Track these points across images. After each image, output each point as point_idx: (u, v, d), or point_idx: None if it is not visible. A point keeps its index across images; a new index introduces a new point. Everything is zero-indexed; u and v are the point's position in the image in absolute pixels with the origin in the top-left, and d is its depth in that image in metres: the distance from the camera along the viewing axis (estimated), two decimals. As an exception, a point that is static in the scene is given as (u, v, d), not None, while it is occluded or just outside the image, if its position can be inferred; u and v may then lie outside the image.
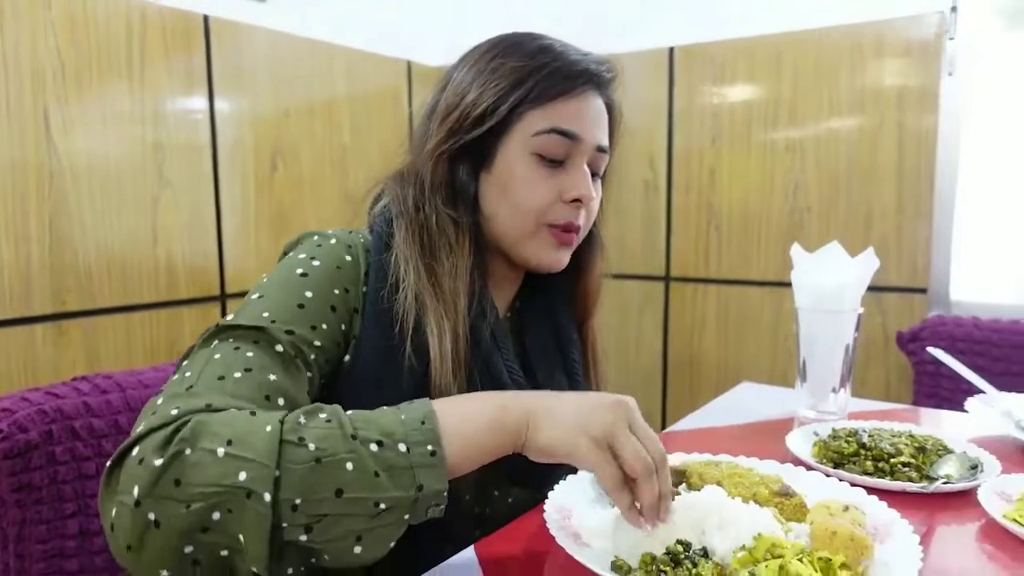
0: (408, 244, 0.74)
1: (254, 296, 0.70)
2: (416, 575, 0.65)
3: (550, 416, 0.60)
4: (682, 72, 2.16)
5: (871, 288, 1.88)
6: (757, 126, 2.06)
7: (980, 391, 1.07)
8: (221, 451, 0.53)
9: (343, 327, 0.71)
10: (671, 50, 2.16)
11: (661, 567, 0.57)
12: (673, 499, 0.69)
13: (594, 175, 0.80)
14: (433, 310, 0.72)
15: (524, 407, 0.61)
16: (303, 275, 0.71)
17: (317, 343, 0.68)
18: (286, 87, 1.84)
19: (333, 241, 0.76)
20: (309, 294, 0.70)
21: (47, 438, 0.95)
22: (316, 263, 0.72)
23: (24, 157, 1.38)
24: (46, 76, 1.40)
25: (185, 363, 0.65)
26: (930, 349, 1.12)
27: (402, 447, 0.56)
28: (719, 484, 0.71)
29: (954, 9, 1.80)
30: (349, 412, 0.59)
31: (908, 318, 1.88)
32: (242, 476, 0.52)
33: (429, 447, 0.56)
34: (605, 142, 0.80)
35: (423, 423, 0.57)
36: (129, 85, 1.53)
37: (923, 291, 1.88)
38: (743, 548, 0.58)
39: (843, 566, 0.58)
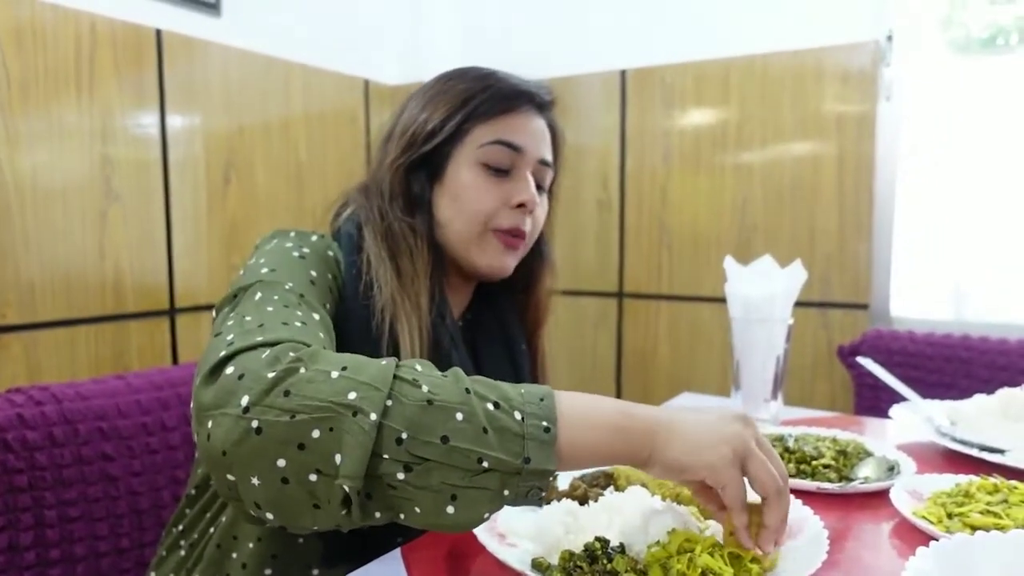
0: (377, 246, 0.80)
1: (264, 270, 0.71)
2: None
3: (680, 431, 0.57)
4: (634, 94, 2.21)
5: (816, 304, 1.96)
6: (706, 147, 2.12)
7: (906, 400, 1.11)
8: (335, 373, 0.53)
9: (333, 312, 0.75)
10: (623, 72, 2.22)
11: (578, 563, 0.59)
12: (597, 500, 0.71)
13: (540, 188, 0.87)
14: (403, 308, 0.76)
15: (649, 417, 0.58)
16: (301, 257, 0.75)
17: (327, 321, 0.71)
18: (241, 103, 1.84)
19: (314, 238, 0.80)
20: (314, 273, 0.74)
21: (-25, 450, 0.94)
22: (306, 250, 0.77)
23: (-35, 168, 1.36)
24: (-10, 87, 1.39)
25: (232, 314, 0.64)
26: (860, 359, 1.16)
27: (517, 415, 0.54)
28: (644, 485, 0.73)
29: (889, 38, 1.89)
30: (471, 377, 0.58)
31: (851, 333, 1.94)
32: (352, 395, 0.51)
33: (544, 423, 0.54)
34: (548, 156, 0.88)
35: (542, 400, 0.56)
36: (77, 98, 1.52)
37: (865, 307, 1.95)
38: (657, 543, 0.60)
39: (754, 560, 0.60)
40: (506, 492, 0.53)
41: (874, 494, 0.81)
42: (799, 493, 0.75)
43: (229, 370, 0.54)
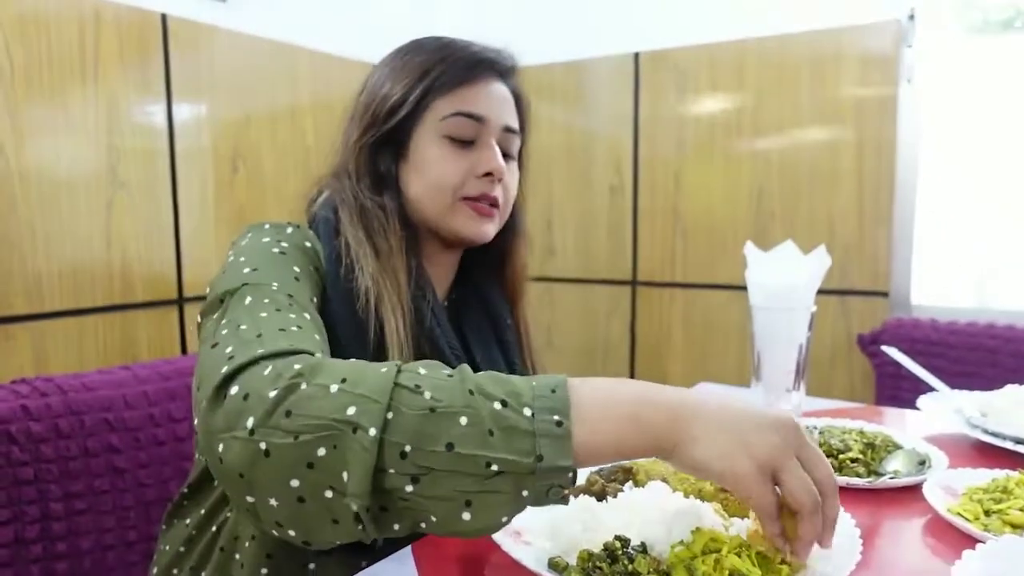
0: (354, 227, 0.78)
1: (246, 269, 0.69)
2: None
3: (704, 424, 0.53)
4: (648, 77, 2.17)
5: (835, 292, 1.92)
6: (721, 132, 2.08)
7: (934, 390, 1.07)
8: (335, 387, 0.52)
9: (320, 302, 0.74)
10: (636, 55, 2.17)
11: (597, 563, 0.56)
12: (616, 496, 0.68)
13: (508, 156, 0.85)
14: (384, 287, 0.75)
15: (673, 406, 0.54)
16: (282, 253, 0.73)
17: (318, 319, 0.70)
18: (248, 89, 1.81)
19: (290, 230, 0.78)
20: (297, 268, 0.72)
21: (-22, 442, 0.92)
22: (284, 244, 0.75)
23: (-30, 157, 1.34)
24: (-7, 74, 1.37)
25: (223, 321, 0.63)
26: (885, 348, 1.12)
27: (527, 411, 0.51)
28: (664, 480, 0.70)
29: (911, 17, 1.83)
30: (479, 373, 0.55)
31: (871, 321, 1.90)
32: (351, 411, 0.50)
33: (556, 417, 0.51)
34: (513, 123, 0.85)
35: (554, 391, 0.52)
36: (82, 86, 1.49)
37: (885, 295, 1.90)
38: (681, 543, 0.57)
39: (783, 561, 0.57)
40: (524, 493, 0.50)
41: (904, 489, 0.78)
42: (827, 488, 0.72)
43: (234, 390, 0.54)
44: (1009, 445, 0.88)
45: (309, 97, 1.97)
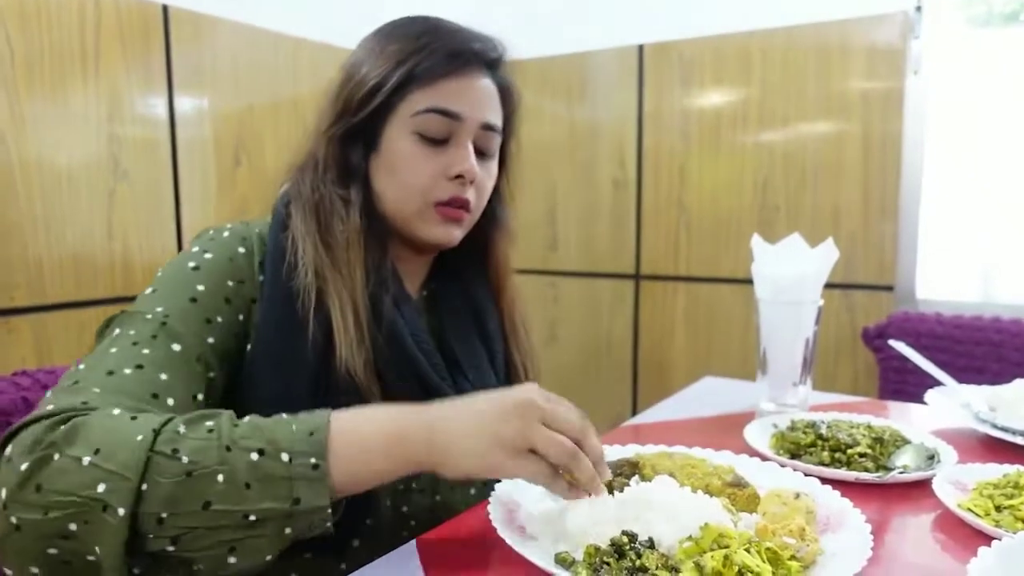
0: (304, 222, 0.74)
1: (148, 291, 0.70)
2: (348, 573, 0.62)
3: (456, 438, 0.58)
4: (651, 70, 2.15)
5: (840, 285, 1.91)
6: (726, 125, 2.06)
7: (941, 384, 1.06)
8: (87, 460, 0.52)
9: (240, 317, 0.72)
10: (640, 47, 2.16)
11: (604, 559, 0.55)
12: (623, 490, 0.67)
13: (483, 154, 0.79)
14: (332, 282, 0.72)
15: (424, 423, 0.59)
16: (195, 268, 0.71)
17: (211, 340, 0.68)
18: (249, 80, 1.80)
19: (226, 234, 0.76)
20: (201, 287, 0.70)
21: (-21, 435, 0.91)
22: (208, 255, 0.73)
23: (-30, 148, 1.34)
24: (-6, 65, 1.36)
25: (88, 354, 0.64)
26: (892, 342, 1.11)
27: (284, 456, 0.54)
28: (671, 475, 0.69)
29: (919, 9, 1.81)
30: (246, 418, 0.57)
31: (875, 315, 1.89)
32: (100, 488, 0.51)
33: (312, 460, 0.54)
34: (492, 120, 0.79)
35: (311, 434, 0.56)
36: (83, 77, 1.48)
37: (890, 288, 1.89)
38: (689, 538, 0.56)
39: (792, 558, 0.57)
40: (287, 531, 0.54)
41: (913, 484, 0.77)
42: (836, 483, 0.71)
43: (8, 450, 0.54)
44: (1019, 440, 0.87)
45: (311, 88, 1.95)
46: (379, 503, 0.74)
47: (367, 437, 0.58)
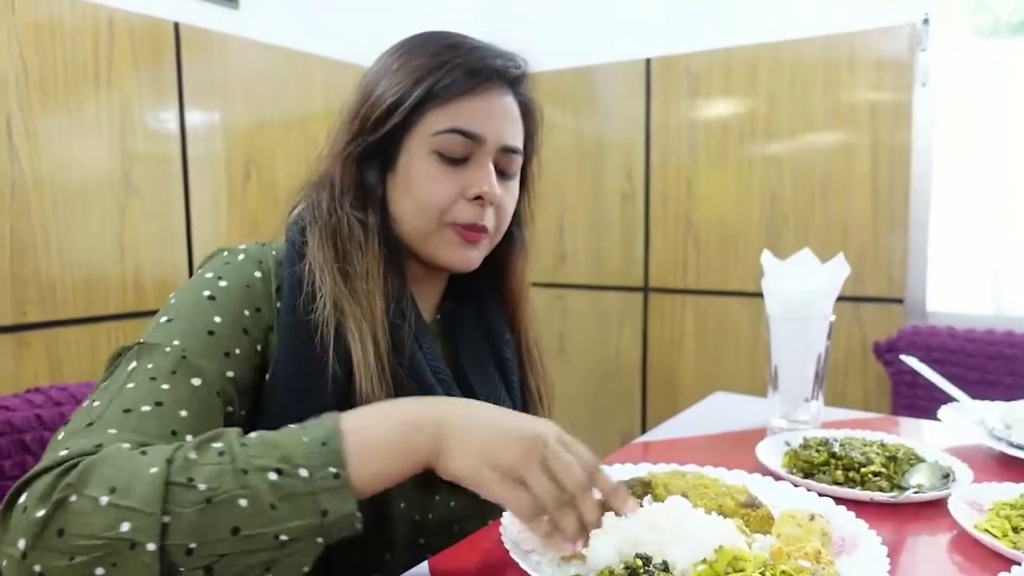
0: (322, 251, 0.72)
1: (163, 319, 0.67)
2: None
3: (460, 437, 0.58)
4: (659, 83, 2.16)
5: (849, 299, 1.90)
6: (734, 138, 2.06)
7: (954, 400, 1.05)
8: (104, 500, 0.50)
9: (258, 348, 0.70)
10: (648, 61, 2.16)
11: (619, 582, 0.55)
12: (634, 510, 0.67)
13: (504, 174, 0.77)
14: (352, 315, 0.70)
15: (437, 425, 0.58)
16: (211, 298, 0.68)
17: (230, 374, 0.66)
18: (260, 97, 1.82)
19: (241, 257, 0.73)
20: (219, 319, 0.67)
21: (-7, 453, 0.92)
22: (223, 283, 0.70)
23: (-15, 165, 1.35)
24: (9, 83, 1.37)
25: (102, 386, 0.63)
26: (903, 357, 1.11)
27: (303, 472, 0.53)
28: (684, 495, 0.69)
29: (926, 21, 1.81)
30: (252, 435, 0.56)
31: (885, 328, 1.88)
32: (124, 527, 0.49)
33: (332, 469, 0.54)
34: (513, 142, 0.77)
35: (324, 444, 0.55)
36: (96, 93, 1.50)
37: (900, 301, 1.88)
38: (704, 561, 0.56)
39: (808, 579, 0.56)
40: (319, 540, 0.53)
41: (928, 503, 0.76)
42: (850, 503, 0.71)
43: (22, 498, 0.52)
44: (1034, 458, 0.86)
45: (322, 104, 1.97)
46: (395, 537, 0.73)
47: (379, 436, 0.57)
